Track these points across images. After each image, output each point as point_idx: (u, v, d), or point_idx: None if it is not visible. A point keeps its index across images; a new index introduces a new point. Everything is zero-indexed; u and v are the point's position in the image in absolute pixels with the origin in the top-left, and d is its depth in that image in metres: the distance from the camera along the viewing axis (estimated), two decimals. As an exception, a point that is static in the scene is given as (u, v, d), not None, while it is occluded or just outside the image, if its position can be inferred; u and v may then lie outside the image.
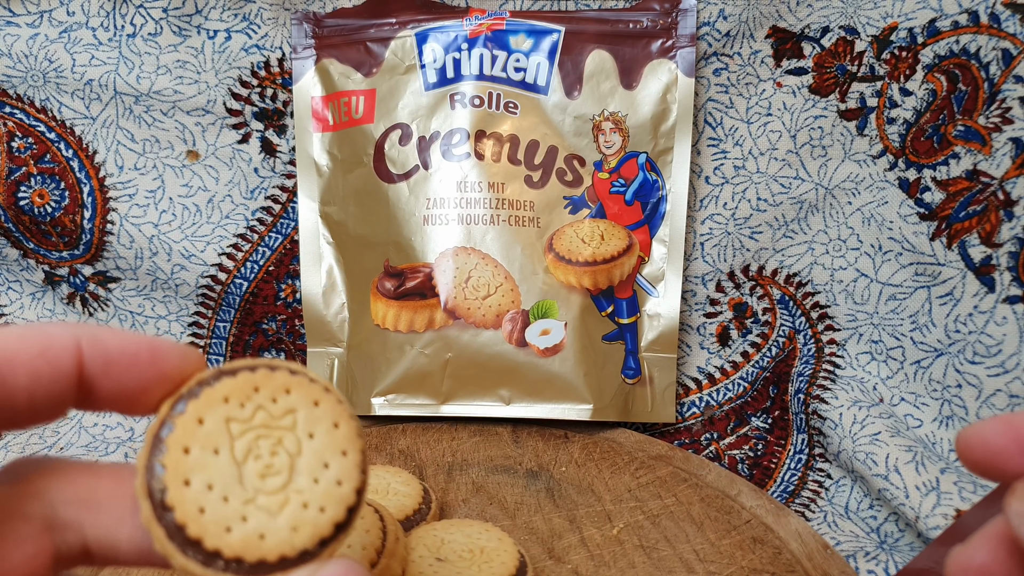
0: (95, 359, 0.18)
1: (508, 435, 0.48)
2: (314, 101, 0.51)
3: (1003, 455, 0.22)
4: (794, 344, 0.52)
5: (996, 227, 0.45)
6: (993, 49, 0.44)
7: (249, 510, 0.18)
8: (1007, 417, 0.23)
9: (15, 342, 0.17)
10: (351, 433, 0.19)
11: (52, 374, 0.18)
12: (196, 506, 0.18)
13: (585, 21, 0.49)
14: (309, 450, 0.19)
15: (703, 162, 0.51)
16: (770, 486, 0.50)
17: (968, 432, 0.23)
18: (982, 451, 0.22)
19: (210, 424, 0.19)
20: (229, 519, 0.18)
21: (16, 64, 0.50)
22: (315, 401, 0.19)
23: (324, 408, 0.19)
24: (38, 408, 0.18)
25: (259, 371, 0.19)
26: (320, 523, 0.18)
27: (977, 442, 0.22)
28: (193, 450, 0.18)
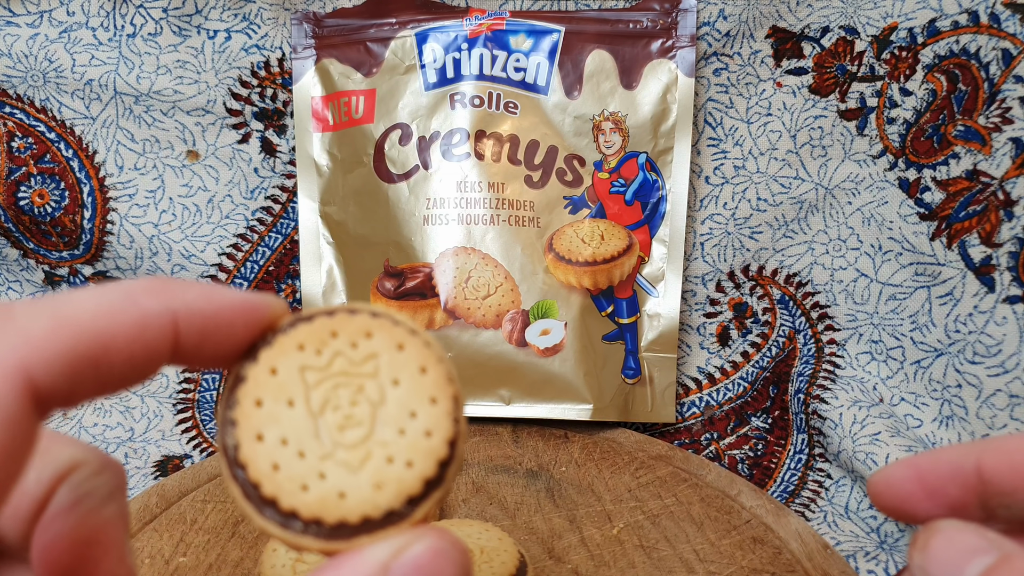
0: (191, 333, 0.17)
1: (508, 435, 0.48)
2: (314, 101, 0.51)
3: (910, 500, 0.22)
4: (794, 344, 0.52)
5: (996, 227, 0.45)
6: (993, 49, 0.44)
7: (327, 466, 0.16)
8: (912, 460, 0.22)
9: (108, 323, 0.16)
10: (441, 378, 0.17)
11: (148, 356, 0.17)
12: (269, 463, 0.16)
13: (585, 21, 0.49)
14: (393, 398, 0.17)
15: (703, 162, 0.51)
16: (770, 486, 0.50)
17: (876, 477, 0.22)
18: (890, 496, 0.22)
19: (284, 374, 0.17)
20: (305, 477, 0.16)
21: (16, 64, 0.50)
22: (399, 344, 0.17)
23: (410, 352, 0.17)
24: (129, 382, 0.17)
25: (337, 315, 0.18)
26: (407, 480, 0.16)
27: (884, 487, 0.22)
28: (266, 402, 0.17)
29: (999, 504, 0.21)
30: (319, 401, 0.17)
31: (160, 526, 0.39)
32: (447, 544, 0.16)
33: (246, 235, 0.54)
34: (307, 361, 0.17)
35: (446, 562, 0.16)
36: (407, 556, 0.15)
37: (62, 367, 0.15)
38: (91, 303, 0.16)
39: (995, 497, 0.21)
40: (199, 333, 0.17)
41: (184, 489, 0.42)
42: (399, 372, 0.17)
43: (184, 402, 0.55)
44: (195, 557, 0.37)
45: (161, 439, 0.52)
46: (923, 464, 0.22)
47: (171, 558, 0.37)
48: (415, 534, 0.16)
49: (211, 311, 0.17)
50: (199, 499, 0.41)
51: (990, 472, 0.21)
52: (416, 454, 0.16)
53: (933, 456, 0.22)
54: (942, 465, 0.22)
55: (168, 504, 0.41)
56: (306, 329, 0.17)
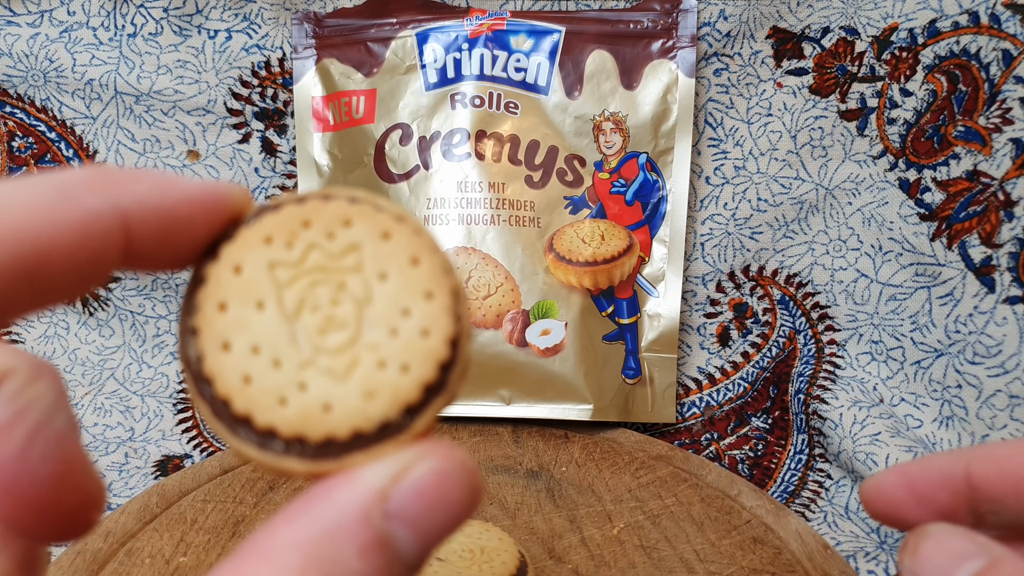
0: (144, 233, 0.15)
1: (508, 435, 0.48)
2: (315, 101, 0.51)
3: (901, 507, 0.22)
4: (794, 344, 0.52)
5: (996, 227, 0.45)
6: (993, 50, 0.44)
7: (308, 375, 0.14)
8: (902, 467, 0.22)
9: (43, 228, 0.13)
10: (436, 269, 0.15)
11: (93, 263, 0.14)
12: (239, 375, 0.14)
13: (586, 21, 0.49)
14: (382, 295, 0.14)
15: (703, 162, 0.51)
16: (770, 486, 0.50)
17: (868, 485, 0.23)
18: (881, 504, 0.22)
19: (250, 272, 0.15)
20: (283, 388, 0.14)
21: (17, 64, 0.50)
22: (384, 233, 0.15)
23: (398, 241, 0.15)
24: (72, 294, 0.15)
25: (309, 202, 0.15)
26: (403, 386, 0.14)
27: (875, 494, 0.22)
28: (231, 306, 0.14)
29: (988, 510, 0.21)
30: (294, 302, 0.14)
31: (160, 526, 0.39)
32: (455, 464, 0.14)
33: (246, 235, 0.54)
34: (276, 256, 0.15)
35: (454, 487, 0.14)
36: (408, 480, 0.14)
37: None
38: (19, 204, 0.13)
39: (984, 504, 0.21)
40: (154, 232, 0.15)
41: (184, 489, 0.42)
42: (386, 264, 0.15)
43: (184, 402, 0.55)
44: (195, 557, 0.37)
45: (161, 439, 0.52)
46: (913, 471, 0.22)
47: (171, 558, 0.37)
48: (417, 452, 0.14)
49: (166, 206, 0.15)
50: (199, 499, 0.41)
51: (979, 479, 0.21)
52: (412, 356, 0.14)
53: (923, 463, 0.22)
54: (932, 472, 0.22)
55: (168, 504, 0.41)
56: (273, 219, 0.15)
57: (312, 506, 0.13)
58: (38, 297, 0.14)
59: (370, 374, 0.14)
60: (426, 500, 0.13)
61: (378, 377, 0.14)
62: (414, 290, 0.14)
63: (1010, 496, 0.20)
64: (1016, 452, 0.21)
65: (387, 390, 0.14)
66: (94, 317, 0.56)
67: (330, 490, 0.14)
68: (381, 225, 0.15)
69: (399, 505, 0.13)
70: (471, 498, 0.14)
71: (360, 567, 0.13)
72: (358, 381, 0.14)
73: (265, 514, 0.40)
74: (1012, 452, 0.21)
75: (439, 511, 0.14)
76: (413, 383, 0.14)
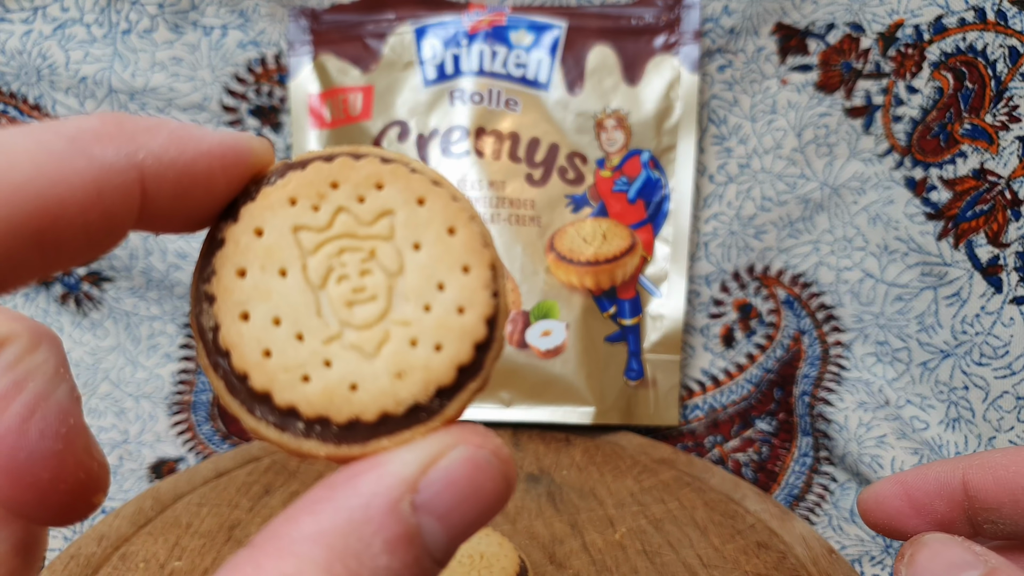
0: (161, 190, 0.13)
1: (509, 438, 0.48)
2: (311, 98, 0.50)
3: (899, 516, 0.22)
4: (799, 346, 0.52)
5: (1003, 227, 0.45)
6: (1000, 46, 0.44)
7: (333, 351, 0.13)
8: (899, 476, 0.22)
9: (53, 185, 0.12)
10: (474, 241, 0.14)
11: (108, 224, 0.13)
12: (259, 348, 0.13)
13: (587, 16, 0.49)
14: (415, 266, 0.14)
15: (707, 160, 0.51)
16: (775, 490, 0.50)
17: (866, 495, 0.23)
18: (879, 514, 0.22)
19: (272, 235, 0.14)
20: (306, 364, 0.13)
21: (10, 61, 0.49)
22: (419, 199, 0.14)
23: (433, 207, 0.14)
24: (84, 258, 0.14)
25: (338, 160, 0.14)
26: (436, 366, 0.13)
27: (872, 504, 0.22)
28: (250, 272, 0.13)
29: (985, 520, 0.21)
30: (320, 270, 0.13)
31: (155, 530, 0.38)
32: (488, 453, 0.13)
33: (243, 234, 0.53)
34: (302, 219, 0.14)
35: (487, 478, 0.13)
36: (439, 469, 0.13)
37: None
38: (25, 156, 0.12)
39: (981, 512, 0.21)
40: (171, 189, 0.13)
41: (179, 492, 0.42)
42: (421, 233, 0.14)
43: (179, 404, 0.55)
44: (190, 561, 0.36)
45: (156, 441, 0.52)
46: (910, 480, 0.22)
47: (166, 562, 0.36)
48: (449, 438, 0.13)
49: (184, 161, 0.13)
50: (194, 502, 0.41)
51: (975, 488, 0.21)
52: (446, 335, 0.13)
53: (920, 472, 0.22)
54: (929, 481, 0.22)
55: (163, 508, 0.40)
56: (299, 178, 0.14)
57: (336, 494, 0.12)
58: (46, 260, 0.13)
59: (401, 352, 0.13)
60: (458, 491, 0.13)
61: (409, 356, 0.13)
62: (450, 262, 0.13)
63: (1007, 505, 0.20)
64: (1012, 461, 0.21)
65: (419, 370, 0.13)
66: (87, 318, 0.55)
67: (355, 477, 0.13)
68: (416, 189, 0.14)
69: (429, 496, 0.12)
70: (505, 489, 0.13)
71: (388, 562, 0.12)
72: (387, 359, 0.13)
73: (261, 518, 0.39)
74: (1008, 461, 0.21)
75: (471, 503, 0.13)
76: (447, 364, 0.13)
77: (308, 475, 0.43)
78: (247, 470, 0.44)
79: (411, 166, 0.14)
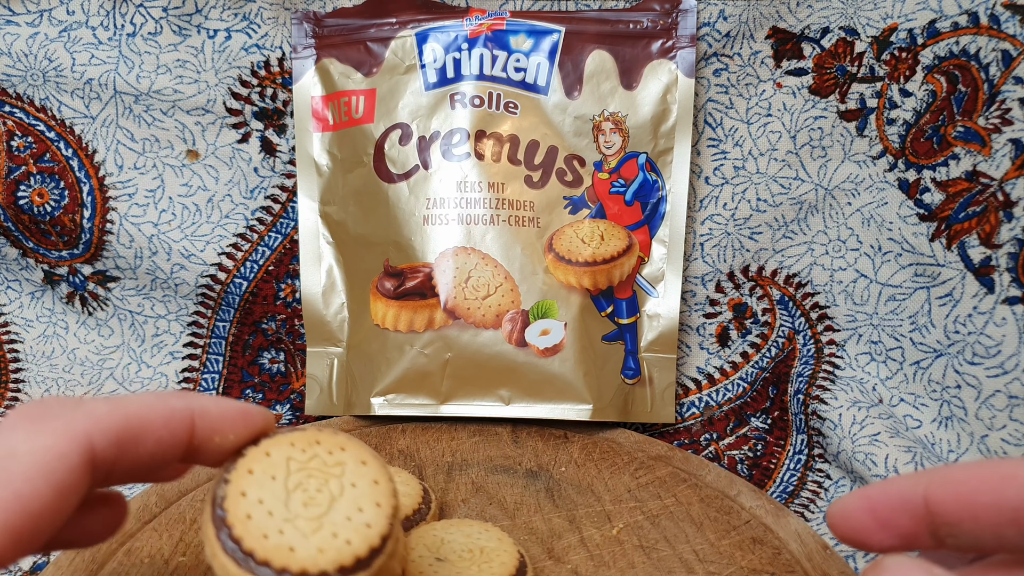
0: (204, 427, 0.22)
1: (508, 435, 0.48)
2: (314, 101, 0.51)
3: (864, 531, 0.23)
4: (793, 345, 0.52)
5: (995, 228, 0.45)
6: (993, 50, 0.44)
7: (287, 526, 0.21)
8: (865, 491, 0.23)
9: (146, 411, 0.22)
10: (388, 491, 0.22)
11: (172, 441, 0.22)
12: (245, 512, 0.21)
13: (585, 21, 0.49)
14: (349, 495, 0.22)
15: (703, 162, 0.51)
16: (769, 486, 0.50)
17: (833, 508, 0.23)
18: (846, 528, 0.23)
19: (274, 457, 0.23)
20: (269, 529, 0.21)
21: (16, 63, 0.50)
22: (363, 461, 0.23)
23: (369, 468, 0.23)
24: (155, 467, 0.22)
25: (324, 431, 0.24)
26: (343, 552, 0.21)
27: (839, 519, 0.23)
28: (255, 472, 0.22)
29: (947, 534, 0.21)
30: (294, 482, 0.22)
31: (159, 526, 0.39)
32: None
33: (246, 235, 0.54)
34: (294, 454, 0.23)
35: None
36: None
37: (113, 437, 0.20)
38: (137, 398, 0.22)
39: (943, 527, 0.21)
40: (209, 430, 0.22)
41: (183, 489, 0.42)
42: (358, 479, 0.22)
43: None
44: (195, 556, 0.37)
45: (160, 439, 0.52)
46: (874, 495, 0.23)
47: (170, 558, 0.36)
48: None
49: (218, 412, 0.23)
50: (198, 499, 0.41)
51: (936, 503, 0.21)
52: (355, 537, 0.21)
53: (884, 487, 0.23)
54: (892, 497, 0.22)
55: (167, 504, 0.41)
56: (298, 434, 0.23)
57: None
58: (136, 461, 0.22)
59: (326, 538, 0.21)
60: None
61: (330, 542, 0.21)
62: (370, 499, 0.22)
63: (966, 521, 0.21)
64: (970, 476, 0.21)
65: (332, 551, 0.21)
66: (93, 317, 0.56)
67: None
68: (363, 456, 0.23)
69: None
70: None
71: None
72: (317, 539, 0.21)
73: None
74: (966, 476, 0.21)
75: None
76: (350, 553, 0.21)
77: (310, 472, 0.44)
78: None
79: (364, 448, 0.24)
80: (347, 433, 0.24)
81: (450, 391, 0.48)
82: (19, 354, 0.56)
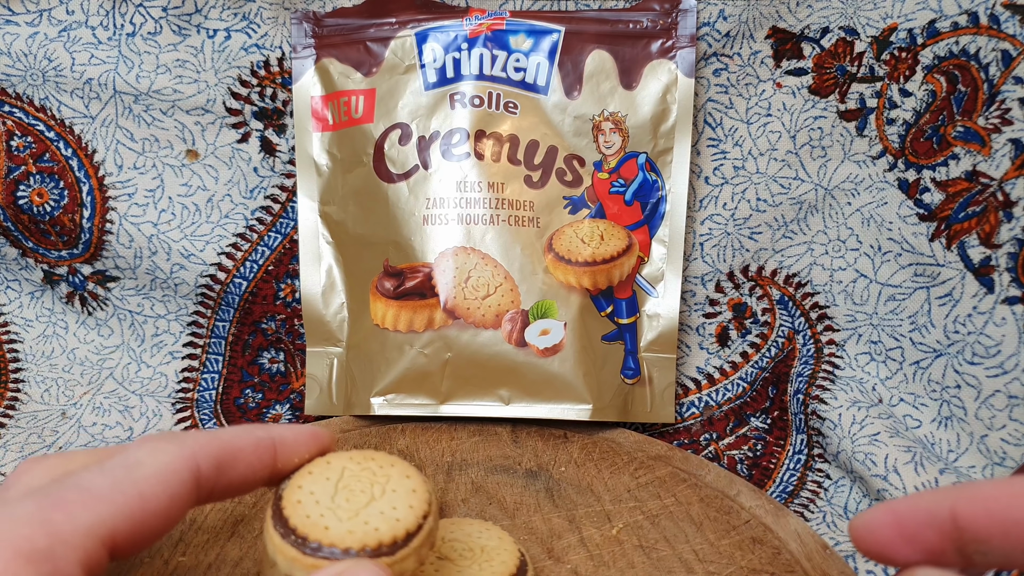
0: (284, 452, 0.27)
1: (507, 435, 0.48)
2: (314, 101, 0.51)
3: (890, 545, 0.22)
4: (793, 344, 0.52)
5: (995, 228, 0.45)
6: (993, 50, 0.44)
7: (328, 513, 0.25)
8: (890, 505, 0.23)
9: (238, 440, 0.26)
10: (423, 499, 0.27)
11: (259, 464, 0.26)
12: (296, 499, 0.26)
13: (585, 21, 0.49)
14: (388, 497, 0.26)
15: (703, 162, 0.51)
16: (769, 486, 0.50)
17: (857, 523, 0.23)
18: (870, 542, 0.23)
19: (333, 464, 0.27)
20: (312, 512, 0.25)
21: (15, 63, 0.50)
22: (407, 475, 0.27)
23: (411, 480, 0.27)
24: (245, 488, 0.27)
25: (382, 452, 0.29)
26: (369, 536, 0.25)
27: (864, 533, 0.23)
28: (314, 472, 0.27)
29: (975, 550, 0.21)
30: (344, 484, 0.26)
31: (159, 525, 0.39)
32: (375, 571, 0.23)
33: (245, 234, 0.54)
34: (349, 465, 0.28)
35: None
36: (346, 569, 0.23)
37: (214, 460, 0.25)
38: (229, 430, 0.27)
39: (971, 544, 0.21)
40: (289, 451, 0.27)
41: (183, 488, 0.42)
42: (399, 486, 0.27)
43: (183, 401, 0.55)
44: (194, 556, 0.37)
45: (160, 438, 0.52)
46: (900, 509, 0.22)
47: (170, 557, 0.37)
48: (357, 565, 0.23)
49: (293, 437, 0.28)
50: (198, 499, 0.41)
51: (965, 519, 0.21)
52: (384, 527, 0.25)
53: (910, 502, 0.22)
54: (919, 511, 0.22)
55: (167, 503, 0.41)
56: (357, 451, 0.28)
57: None
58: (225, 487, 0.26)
59: (358, 524, 0.25)
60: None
61: (361, 527, 0.25)
62: (405, 502, 0.26)
63: (996, 537, 0.21)
64: (1001, 493, 0.21)
65: (359, 534, 0.25)
66: (93, 316, 0.56)
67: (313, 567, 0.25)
68: (406, 471, 0.28)
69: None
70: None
71: None
72: (349, 524, 0.25)
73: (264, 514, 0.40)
74: (997, 493, 0.21)
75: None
76: (376, 538, 0.25)
77: (310, 472, 0.44)
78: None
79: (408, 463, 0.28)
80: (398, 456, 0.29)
81: (450, 391, 0.48)
82: (19, 354, 0.56)
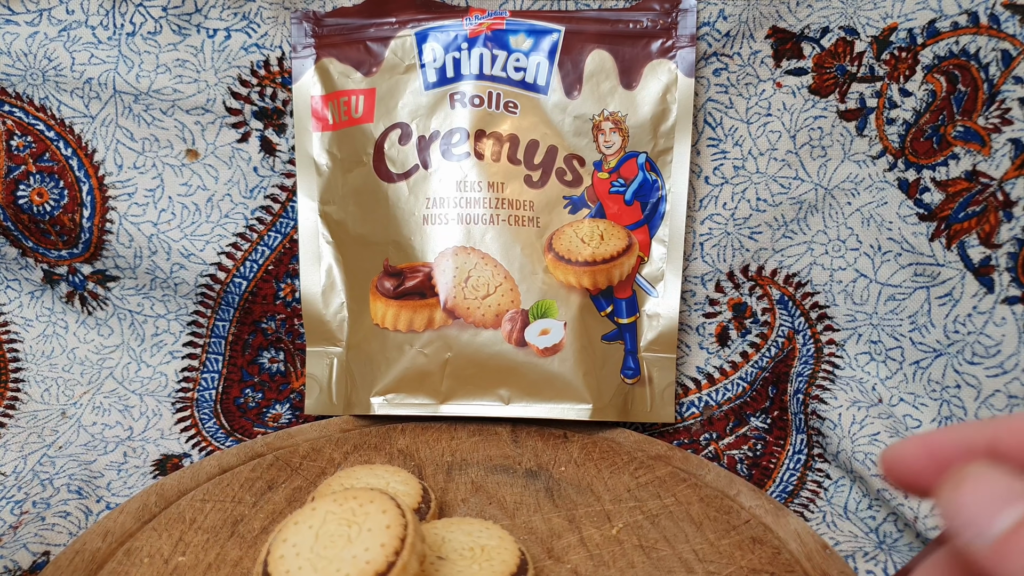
0: None
1: (507, 435, 0.48)
2: (314, 100, 0.51)
3: (923, 473, 0.22)
4: (793, 344, 0.52)
5: (995, 228, 0.45)
6: (993, 50, 0.44)
7: (306, 564, 0.27)
8: (924, 437, 0.22)
9: None
10: (394, 535, 0.28)
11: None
12: (279, 553, 0.28)
13: (585, 21, 0.49)
14: (363, 538, 0.28)
15: (703, 162, 0.51)
16: (769, 486, 0.50)
17: (888, 453, 0.23)
18: (902, 469, 0.22)
19: (318, 510, 0.29)
20: (291, 566, 0.27)
21: (15, 62, 0.50)
22: (384, 511, 0.29)
23: (386, 516, 0.29)
24: None
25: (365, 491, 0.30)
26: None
27: (896, 462, 0.23)
28: (299, 522, 0.29)
29: None
30: (325, 530, 0.28)
31: (159, 525, 0.39)
32: None
33: (245, 234, 0.54)
34: (332, 508, 0.29)
35: None
36: None
37: None
38: None
39: None
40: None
41: (183, 488, 0.42)
42: (373, 524, 0.28)
43: (183, 401, 0.55)
44: (194, 556, 0.37)
45: (160, 438, 0.52)
46: (935, 440, 0.22)
47: (170, 557, 0.37)
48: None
49: None
50: (198, 498, 0.41)
51: (1008, 449, 0.20)
52: (354, 571, 0.27)
53: (946, 433, 0.22)
54: (954, 442, 0.21)
55: (167, 503, 0.41)
56: (342, 492, 0.30)
57: None
58: None
59: (329, 573, 0.27)
60: None
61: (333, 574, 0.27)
62: (376, 541, 0.28)
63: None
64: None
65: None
66: (93, 316, 0.56)
67: None
68: (384, 506, 0.29)
69: None
70: None
71: None
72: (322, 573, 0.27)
73: (264, 514, 0.40)
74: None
75: None
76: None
77: (310, 471, 0.44)
78: (250, 466, 0.44)
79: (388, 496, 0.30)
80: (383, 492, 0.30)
81: (450, 391, 0.48)
82: (19, 353, 0.56)
